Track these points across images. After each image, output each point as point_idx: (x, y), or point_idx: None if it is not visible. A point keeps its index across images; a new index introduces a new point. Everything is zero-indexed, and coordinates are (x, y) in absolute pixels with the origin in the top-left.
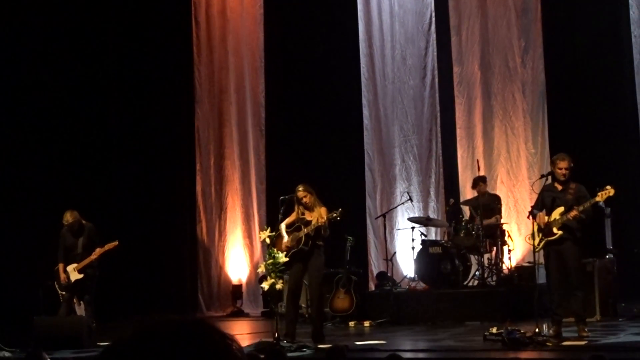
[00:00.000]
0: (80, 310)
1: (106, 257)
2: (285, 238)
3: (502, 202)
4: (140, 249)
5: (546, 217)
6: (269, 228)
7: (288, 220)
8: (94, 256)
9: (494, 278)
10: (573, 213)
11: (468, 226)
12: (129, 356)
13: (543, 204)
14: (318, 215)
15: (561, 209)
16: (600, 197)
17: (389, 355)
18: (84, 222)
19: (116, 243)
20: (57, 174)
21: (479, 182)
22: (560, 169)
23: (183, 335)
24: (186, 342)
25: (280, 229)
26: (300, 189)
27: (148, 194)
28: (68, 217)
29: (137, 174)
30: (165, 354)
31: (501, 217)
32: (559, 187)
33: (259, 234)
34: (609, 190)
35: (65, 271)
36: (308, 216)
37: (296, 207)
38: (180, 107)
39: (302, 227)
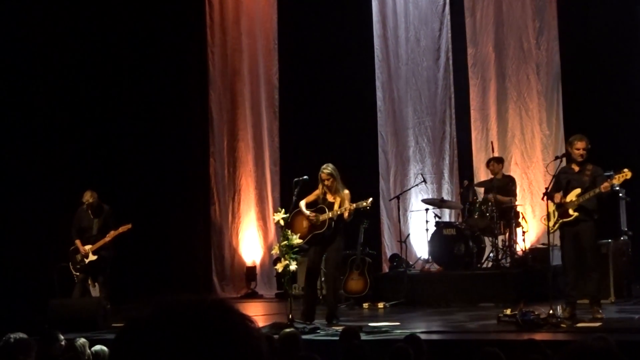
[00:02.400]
0: (94, 291)
1: (120, 239)
2: (307, 213)
3: (517, 184)
4: (154, 230)
5: (563, 198)
6: (283, 210)
7: (308, 198)
8: (107, 238)
9: (508, 260)
10: (606, 185)
11: (482, 208)
12: (149, 335)
13: (559, 185)
14: (341, 200)
15: (577, 190)
16: (617, 180)
17: (408, 336)
18: (104, 204)
19: (129, 226)
20: (72, 156)
21: (491, 160)
22: (578, 149)
23: (203, 314)
24: (206, 321)
25: (300, 206)
26: (324, 171)
27: (162, 176)
28: (88, 197)
29: (150, 156)
30: (185, 333)
31: (516, 199)
32: (576, 169)
33: (273, 215)
34: (626, 173)
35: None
36: (330, 198)
37: (320, 187)
38: (193, 89)
39: (326, 209)
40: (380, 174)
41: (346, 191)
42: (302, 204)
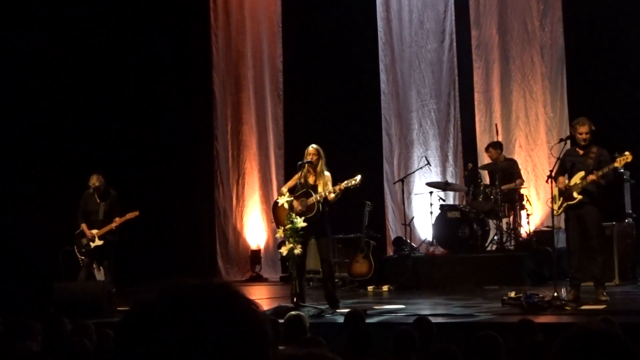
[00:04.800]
0: (99, 275)
1: (125, 223)
2: (297, 208)
3: (520, 167)
4: (159, 214)
5: (567, 181)
6: (288, 193)
7: (290, 183)
8: (113, 224)
9: (513, 242)
10: (591, 177)
11: (486, 191)
12: (154, 318)
13: (564, 168)
14: (324, 182)
15: (581, 173)
16: (618, 163)
17: (417, 318)
18: (110, 189)
19: (136, 213)
20: (76, 140)
21: (489, 147)
22: (581, 133)
23: (208, 298)
24: (211, 305)
25: (283, 191)
26: (313, 145)
27: (166, 160)
28: (94, 181)
29: (154, 139)
30: (191, 316)
31: (523, 181)
32: (580, 152)
33: (278, 198)
34: (627, 156)
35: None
36: (313, 181)
37: (306, 166)
38: (197, 73)
39: (312, 193)
40: (384, 157)
41: (328, 174)
42: (285, 190)
